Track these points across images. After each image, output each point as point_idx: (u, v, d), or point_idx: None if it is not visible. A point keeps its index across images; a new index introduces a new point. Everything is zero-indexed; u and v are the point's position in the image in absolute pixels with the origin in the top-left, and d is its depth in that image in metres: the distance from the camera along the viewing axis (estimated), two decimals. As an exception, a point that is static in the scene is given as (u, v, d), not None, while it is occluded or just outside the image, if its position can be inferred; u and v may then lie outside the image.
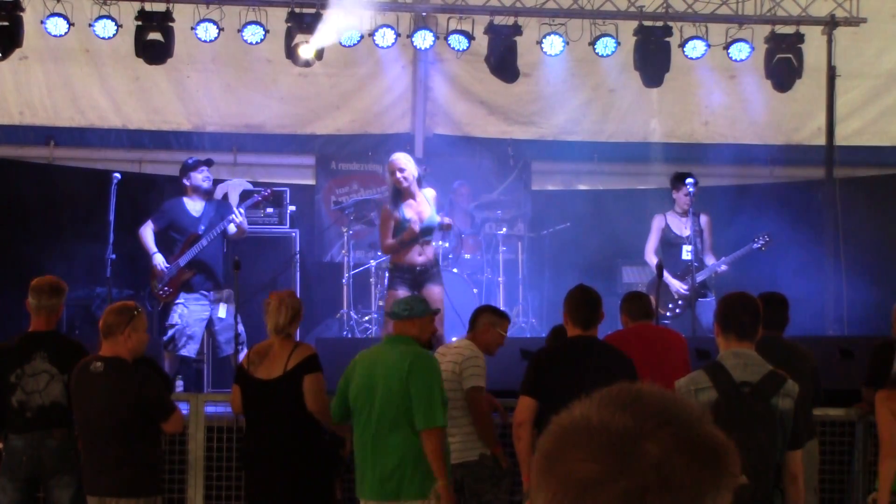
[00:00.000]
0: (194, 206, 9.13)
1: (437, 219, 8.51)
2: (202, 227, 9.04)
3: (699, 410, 1.37)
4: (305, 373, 5.67)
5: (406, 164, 8.51)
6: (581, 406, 1.35)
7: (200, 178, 9.13)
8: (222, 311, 8.83)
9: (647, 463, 1.28)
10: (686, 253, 9.59)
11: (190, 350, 8.93)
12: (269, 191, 9.55)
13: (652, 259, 9.70)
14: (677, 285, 9.55)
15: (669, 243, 9.75)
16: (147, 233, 9.05)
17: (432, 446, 5.26)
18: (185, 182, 9.17)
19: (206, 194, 9.20)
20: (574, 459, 1.30)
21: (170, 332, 8.87)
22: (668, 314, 9.55)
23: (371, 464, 5.34)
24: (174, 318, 8.92)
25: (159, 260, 8.98)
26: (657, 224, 9.82)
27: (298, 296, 9.88)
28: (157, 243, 9.08)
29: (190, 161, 9.30)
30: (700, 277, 9.54)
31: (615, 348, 5.64)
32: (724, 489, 1.33)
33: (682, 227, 9.72)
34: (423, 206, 8.47)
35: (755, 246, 9.60)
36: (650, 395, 1.35)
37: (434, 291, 8.46)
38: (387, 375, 5.35)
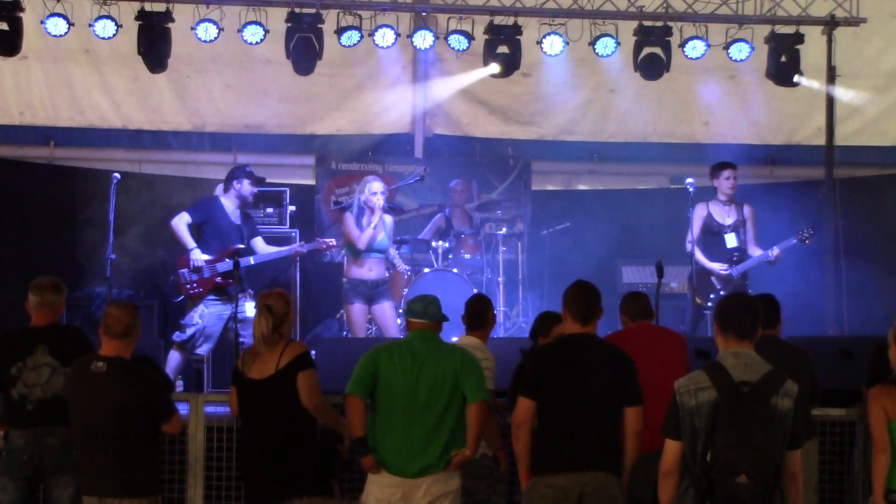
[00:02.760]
0: (233, 210, 9.14)
1: (387, 243, 9.46)
2: (244, 241, 9.07)
3: None
4: (298, 370, 5.67)
5: (382, 188, 9.41)
6: None
7: (249, 189, 9.15)
8: (251, 309, 8.75)
9: None
10: (731, 241, 9.55)
11: (205, 349, 9.00)
12: (333, 241, 9.70)
13: (694, 251, 9.52)
14: (717, 267, 9.45)
15: (711, 232, 9.62)
16: (182, 225, 8.98)
17: (481, 417, 5.44)
18: (235, 184, 9.12)
19: (243, 206, 9.21)
20: None
21: (189, 332, 8.86)
22: (708, 304, 9.41)
23: (405, 440, 5.43)
24: (195, 318, 8.91)
25: (198, 256, 8.93)
26: (699, 213, 9.62)
27: (298, 296, 10.01)
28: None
29: (248, 169, 9.31)
30: (746, 266, 9.50)
31: (615, 346, 5.59)
32: None
33: (724, 215, 9.66)
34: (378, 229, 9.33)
35: (800, 238, 9.53)
36: None
37: (386, 307, 9.37)
38: (437, 363, 5.50)
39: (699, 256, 9.51)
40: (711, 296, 9.45)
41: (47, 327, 6.00)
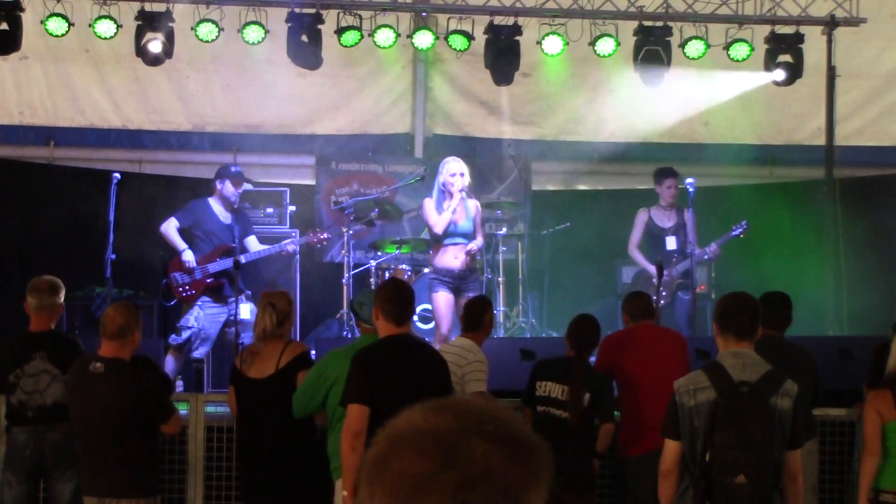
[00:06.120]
0: (222, 212, 9.15)
1: (470, 227, 8.91)
2: (235, 241, 9.07)
3: (515, 414, 1.50)
4: (299, 369, 5.69)
5: (463, 169, 8.91)
6: (406, 415, 1.49)
7: (232, 191, 9.15)
8: (246, 311, 8.76)
9: (474, 456, 1.41)
10: (671, 243, 9.84)
11: (201, 352, 8.99)
12: (326, 235, 9.67)
13: (636, 253, 10.03)
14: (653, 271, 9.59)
15: (653, 235, 10.00)
16: (171, 230, 9.01)
17: None
18: (218, 185, 9.18)
19: (230, 206, 9.21)
20: (406, 458, 1.42)
21: (185, 334, 8.86)
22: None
23: None
24: (190, 320, 8.91)
25: (189, 257, 8.94)
26: (641, 218, 10.09)
27: (298, 295, 10.01)
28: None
29: (233, 169, 9.29)
30: (685, 265, 9.66)
31: (429, 345, 5.48)
32: (543, 482, 1.46)
33: (664, 219, 10.01)
34: (465, 213, 8.85)
35: (734, 234, 9.76)
36: (469, 400, 1.50)
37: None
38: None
39: (640, 259, 9.93)
40: (653, 297, 9.56)
41: (45, 334, 6.01)
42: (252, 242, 9.26)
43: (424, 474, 1.39)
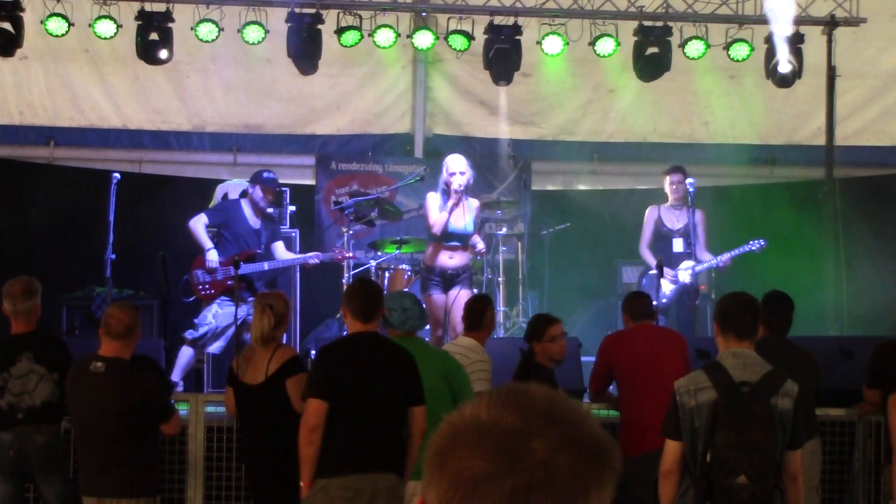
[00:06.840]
0: (252, 216, 9.20)
1: (471, 229, 8.83)
2: (261, 247, 9.14)
3: (584, 411, 1.44)
4: (287, 376, 5.68)
5: (463, 167, 8.78)
6: (471, 405, 1.43)
7: (261, 196, 9.19)
8: None
9: (534, 461, 1.36)
10: (677, 245, 9.69)
11: (216, 348, 9.05)
12: (352, 253, 9.67)
13: (646, 253, 9.87)
14: (666, 271, 9.53)
15: (661, 236, 9.87)
16: (200, 226, 9.04)
17: (423, 423, 5.25)
18: (249, 189, 9.25)
19: (258, 211, 9.24)
20: (464, 457, 1.37)
21: (202, 330, 8.91)
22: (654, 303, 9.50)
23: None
24: (208, 317, 8.96)
25: (213, 257, 8.97)
26: (650, 215, 9.97)
27: (298, 296, 10.03)
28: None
29: (265, 175, 9.29)
30: (695, 273, 9.58)
31: (397, 344, 5.47)
32: (607, 483, 1.42)
33: (674, 219, 9.88)
34: (464, 213, 8.71)
35: (753, 248, 9.65)
36: (538, 396, 1.43)
37: (461, 294, 8.64)
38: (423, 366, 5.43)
39: (649, 259, 9.71)
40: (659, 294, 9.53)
41: (30, 335, 5.96)
42: (279, 249, 9.33)
43: (480, 478, 1.35)
